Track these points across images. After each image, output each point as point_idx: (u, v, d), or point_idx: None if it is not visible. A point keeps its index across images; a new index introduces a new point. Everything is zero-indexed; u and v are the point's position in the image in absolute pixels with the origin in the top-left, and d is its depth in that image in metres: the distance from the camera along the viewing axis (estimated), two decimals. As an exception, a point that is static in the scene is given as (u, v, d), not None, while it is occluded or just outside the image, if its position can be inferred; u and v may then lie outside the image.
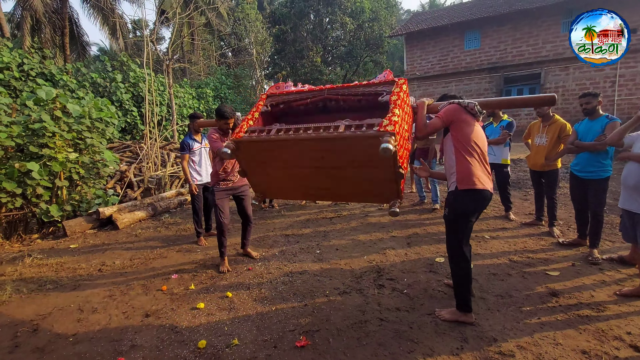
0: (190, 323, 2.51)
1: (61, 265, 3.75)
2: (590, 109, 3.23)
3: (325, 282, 3.04)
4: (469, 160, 2.24)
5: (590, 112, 3.24)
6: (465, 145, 2.25)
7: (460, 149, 2.27)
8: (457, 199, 2.27)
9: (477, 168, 2.23)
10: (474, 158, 2.25)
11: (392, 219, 4.83)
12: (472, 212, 2.27)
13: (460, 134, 2.26)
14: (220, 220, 3.41)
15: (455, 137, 2.28)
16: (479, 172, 2.23)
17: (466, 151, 2.25)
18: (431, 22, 16.47)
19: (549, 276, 2.91)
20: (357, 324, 2.38)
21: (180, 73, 18.32)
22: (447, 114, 2.26)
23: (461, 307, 2.33)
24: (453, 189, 2.31)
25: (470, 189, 2.21)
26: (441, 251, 3.57)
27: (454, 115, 2.25)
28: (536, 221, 4.16)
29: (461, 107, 2.25)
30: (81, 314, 2.73)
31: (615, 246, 3.48)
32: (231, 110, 3.24)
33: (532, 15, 13.81)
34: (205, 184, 4.35)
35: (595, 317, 2.31)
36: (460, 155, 2.27)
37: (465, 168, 2.24)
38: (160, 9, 9.85)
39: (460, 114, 2.25)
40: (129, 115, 10.26)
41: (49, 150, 4.35)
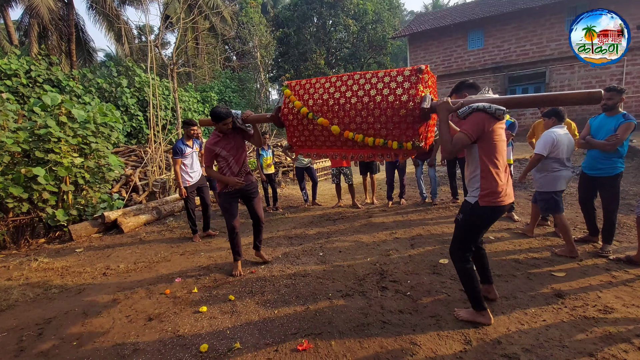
0: (192, 327, 2.52)
1: (67, 270, 3.79)
2: (611, 105, 3.10)
3: (328, 285, 3.03)
4: (495, 174, 2.09)
5: (610, 107, 3.12)
6: (492, 158, 2.09)
7: (486, 160, 2.10)
8: (477, 213, 2.17)
9: (503, 182, 2.10)
10: (499, 170, 2.10)
11: (396, 219, 4.80)
12: (488, 224, 2.24)
13: (488, 145, 2.09)
14: (231, 225, 3.32)
15: (482, 148, 2.11)
16: (504, 187, 2.11)
17: (493, 163, 2.09)
18: (434, 23, 16.42)
19: (555, 277, 2.86)
20: (360, 326, 2.36)
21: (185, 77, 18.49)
22: (475, 129, 2.05)
23: (475, 306, 2.29)
24: (473, 202, 2.18)
25: (493, 206, 2.11)
26: (445, 252, 3.54)
27: (481, 129, 2.05)
28: (542, 221, 4.10)
29: (487, 114, 2.04)
30: (85, 318, 2.75)
31: (622, 246, 3.41)
32: (226, 109, 3.10)
33: (536, 14, 13.70)
34: (199, 185, 4.59)
35: (603, 318, 2.27)
36: (486, 167, 2.10)
37: (491, 183, 2.09)
38: (165, 14, 9.95)
39: (488, 123, 2.05)
40: (134, 120, 10.38)
41: (54, 156, 4.41)
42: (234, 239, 3.37)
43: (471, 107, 2.08)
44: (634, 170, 6.60)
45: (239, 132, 3.28)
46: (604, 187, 3.19)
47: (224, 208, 3.34)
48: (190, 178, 4.48)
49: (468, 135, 2.06)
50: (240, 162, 3.31)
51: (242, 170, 3.34)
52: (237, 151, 3.27)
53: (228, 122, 3.11)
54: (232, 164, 3.27)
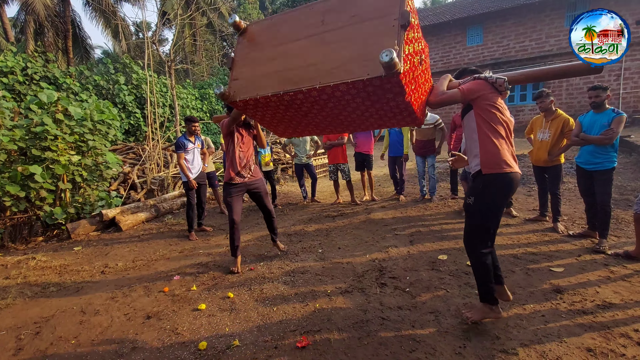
0: (191, 324, 2.51)
1: (65, 268, 3.78)
2: (599, 102, 3.20)
3: (327, 282, 3.02)
4: (494, 141, 2.02)
5: (598, 105, 3.22)
6: (491, 125, 2.04)
7: (485, 128, 2.05)
8: (485, 188, 2.05)
9: (504, 149, 2.02)
10: (500, 139, 2.04)
11: (395, 216, 4.80)
12: (502, 201, 2.08)
13: (485, 112, 2.05)
14: (231, 218, 3.33)
15: (479, 115, 2.06)
16: (506, 154, 2.02)
17: (492, 131, 2.03)
18: (433, 19, 16.34)
19: (553, 272, 2.86)
20: (359, 323, 2.36)
21: (183, 74, 18.39)
22: (470, 89, 2.04)
23: (485, 298, 2.18)
24: (475, 173, 2.12)
25: (497, 173, 2.00)
26: (444, 249, 3.54)
27: (478, 92, 2.04)
28: (540, 217, 4.11)
29: (487, 82, 2.05)
30: (83, 316, 2.74)
31: (620, 241, 3.42)
32: None
33: (536, 9, 13.64)
34: (197, 181, 4.64)
35: (601, 314, 2.27)
36: (484, 135, 2.04)
37: (491, 150, 2.02)
38: (162, 10, 9.88)
39: (485, 90, 2.04)
40: (132, 117, 10.33)
41: (51, 153, 4.38)
42: (234, 234, 3.38)
43: (474, 76, 2.12)
44: (632, 166, 6.60)
45: (247, 129, 3.43)
46: (600, 180, 3.22)
47: (228, 201, 3.36)
48: (191, 173, 4.51)
49: (461, 91, 2.04)
50: (248, 155, 3.40)
51: (249, 163, 3.40)
52: (246, 144, 3.39)
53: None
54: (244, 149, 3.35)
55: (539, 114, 3.92)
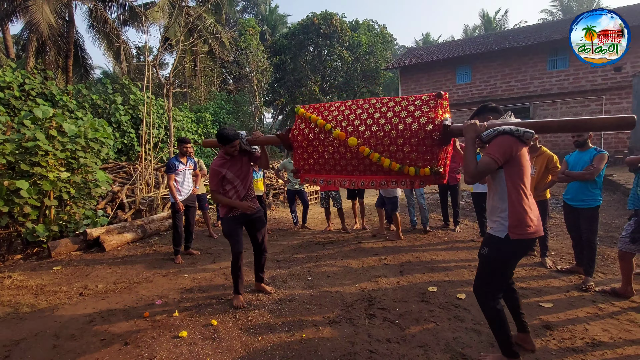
0: (170, 353, 2.39)
1: (41, 288, 3.61)
2: (582, 142, 3.34)
3: (315, 310, 2.95)
4: (523, 202, 1.91)
5: (581, 144, 3.36)
6: (520, 184, 1.92)
7: (514, 187, 1.93)
8: (506, 248, 1.96)
9: (531, 211, 1.94)
10: (527, 198, 1.94)
11: (385, 245, 4.78)
12: (518, 258, 2.07)
13: (515, 170, 1.92)
14: (237, 249, 3.06)
15: (509, 175, 1.94)
16: (533, 216, 1.94)
17: (521, 190, 1.92)
18: (424, 57, 17.20)
19: (543, 308, 2.85)
20: (346, 355, 2.29)
21: (181, 97, 18.68)
22: (502, 152, 1.88)
23: (507, 353, 2.04)
24: (503, 236, 1.95)
25: (522, 239, 1.92)
26: (434, 280, 3.51)
27: (509, 152, 1.89)
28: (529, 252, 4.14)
29: (514, 137, 1.90)
30: (57, 341, 2.59)
31: (607, 278, 3.45)
32: (233, 132, 2.94)
33: (520, 53, 14.51)
34: (187, 203, 4.55)
35: (591, 352, 2.24)
36: (514, 195, 1.92)
37: (520, 212, 1.90)
38: (165, 36, 10.21)
39: (515, 147, 1.89)
40: (126, 137, 10.32)
41: (40, 169, 4.32)
42: (238, 270, 3.09)
43: (497, 129, 1.93)
44: (615, 204, 6.79)
45: (245, 154, 3.14)
46: (585, 218, 3.29)
47: (229, 234, 3.09)
48: (180, 195, 4.46)
49: (495, 158, 1.88)
50: (247, 186, 3.14)
51: (249, 194, 3.17)
52: (244, 174, 3.11)
53: (236, 145, 2.96)
54: (239, 187, 3.09)
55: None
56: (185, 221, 4.63)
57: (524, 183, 1.94)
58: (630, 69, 12.45)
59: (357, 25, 23.39)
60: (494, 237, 2.00)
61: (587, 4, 28.72)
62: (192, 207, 4.69)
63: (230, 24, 25.14)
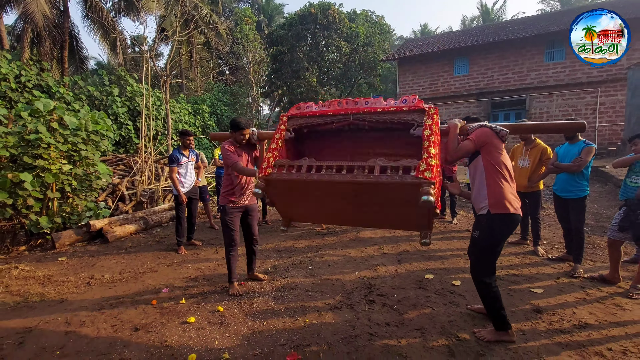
0: (180, 337, 2.51)
1: (49, 278, 3.70)
2: (571, 134, 3.45)
3: (317, 297, 3.07)
4: (500, 183, 2.25)
5: (571, 137, 3.47)
6: (497, 168, 2.27)
7: (492, 172, 2.27)
8: (492, 225, 2.26)
9: (508, 191, 2.25)
10: (505, 181, 2.26)
11: (383, 235, 4.91)
12: (505, 237, 2.31)
13: (491, 157, 2.28)
14: (232, 238, 3.21)
15: (486, 160, 2.29)
16: (510, 196, 2.24)
17: (498, 174, 2.26)
18: (422, 49, 17.16)
19: (534, 293, 2.99)
20: (347, 338, 2.41)
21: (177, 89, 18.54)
22: (480, 137, 2.28)
23: (500, 327, 2.31)
24: (485, 213, 2.29)
25: (503, 213, 2.22)
26: (430, 268, 3.65)
27: (486, 139, 2.27)
28: (521, 240, 4.29)
29: (493, 131, 2.29)
30: (69, 327, 2.69)
31: (596, 265, 3.60)
32: (247, 121, 3.12)
33: (517, 45, 14.53)
34: (189, 195, 4.62)
35: (577, 332, 2.39)
36: (491, 178, 2.27)
37: (498, 192, 2.24)
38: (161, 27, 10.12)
39: (492, 138, 2.28)
40: (123, 129, 10.31)
41: (42, 162, 4.36)
42: (232, 257, 3.23)
43: (479, 124, 2.35)
44: (607, 195, 6.96)
45: (249, 149, 3.28)
46: (573, 208, 3.42)
47: (227, 222, 3.20)
48: (183, 187, 4.52)
49: (473, 141, 2.28)
50: (248, 179, 3.28)
51: (248, 188, 3.30)
52: (246, 164, 3.24)
53: (246, 133, 3.09)
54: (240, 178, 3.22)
55: (520, 143, 4.17)
56: (187, 213, 4.71)
57: (501, 169, 2.27)
58: (625, 61, 12.54)
59: (355, 16, 23.19)
60: (480, 216, 2.34)
61: (585, -6, 28.60)
62: (195, 199, 4.77)
63: (226, 14, 24.81)
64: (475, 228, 2.40)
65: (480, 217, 2.33)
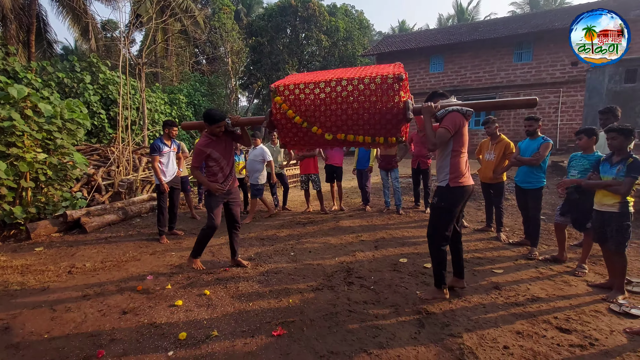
0: (169, 319, 2.62)
1: (27, 268, 3.66)
2: (532, 131, 3.82)
3: (299, 280, 3.26)
4: (459, 160, 2.64)
5: (531, 133, 3.83)
6: (459, 148, 2.64)
7: (457, 150, 2.64)
8: (449, 194, 2.66)
9: (464, 167, 2.66)
10: (463, 159, 2.66)
11: (361, 224, 5.16)
12: (459, 204, 2.70)
13: (458, 137, 2.62)
14: (214, 224, 3.32)
15: (455, 141, 2.63)
16: (466, 171, 2.66)
17: (459, 153, 2.64)
18: (400, 45, 17.56)
19: (494, 273, 3.33)
20: (329, 315, 2.62)
21: (152, 77, 17.93)
22: (454, 125, 2.58)
23: (438, 284, 2.76)
24: (444, 185, 2.68)
25: (459, 186, 2.62)
26: (405, 253, 3.93)
27: (459, 125, 2.60)
28: (486, 227, 4.67)
29: (461, 114, 2.61)
30: (54, 313, 2.73)
31: (550, 249, 4.01)
32: (220, 112, 3.19)
33: (489, 45, 15.21)
34: (171, 185, 4.66)
35: (529, 305, 2.72)
36: (454, 158, 2.64)
37: (457, 168, 2.63)
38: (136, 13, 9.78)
39: (462, 121, 2.61)
40: (96, 118, 9.95)
41: (16, 150, 4.25)
42: (206, 236, 3.35)
43: (447, 110, 2.64)
44: (564, 188, 7.55)
45: (229, 135, 3.36)
46: (532, 197, 3.79)
47: (211, 207, 3.32)
48: (164, 177, 4.54)
49: (448, 129, 2.56)
50: (231, 164, 3.38)
51: (232, 173, 3.40)
52: (228, 153, 3.35)
53: (222, 125, 3.16)
54: (224, 165, 3.31)
55: (487, 138, 4.53)
56: (169, 203, 4.73)
57: (462, 148, 2.66)
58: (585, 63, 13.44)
59: (335, 10, 23.27)
60: (440, 187, 2.72)
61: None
62: (177, 189, 4.80)
63: (203, 1, 24.10)
64: (435, 195, 2.78)
65: (440, 187, 2.72)
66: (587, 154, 3.29)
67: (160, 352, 2.21)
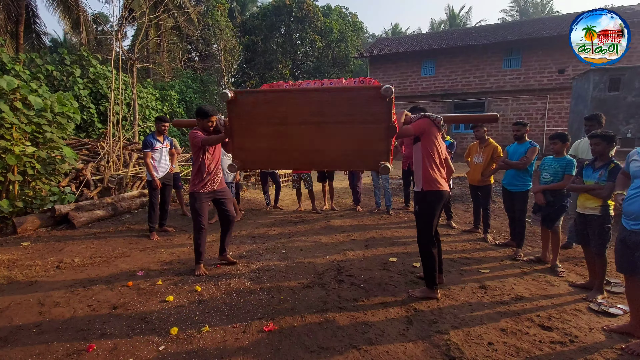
0: (160, 314, 2.62)
1: (14, 262, 3.61)
2: (519, 135, 3.93)
3: (291, 278, 3.29)
4: (432, 167, 2.76)
5: (519, 137, 3.95)
6: (430, 154, 2.75)
7: (426, 156, 2.76)
8: (425, 199, 2.79)
9: (437, 173, 2.77)
10: (435, 165, 2.77)
11: (352, 224, 5.22)
12: (436, 208, 2.80)
13: (428, 143, 2.76)
14: (200, 226, 3.32)
15: (424, 146, 2.77)
16: (439, 177, 2.78)
17: (431, 159, 2.76)
18: (393, 48, 17.75)
19: (481, 273, 3.43)
20: (319, 311, 2.66)
21: (144, 73, 17.68)
22: (419, 126, 2.73)
23: (430, 285, 2.86)
24: (419, 190, 2.83)
25: (433, 190, 2.75)
26: (394, 252, 4.00)
27: (424, 128, 2.73)
28: (474, 229, 4.79)
29: (430, 120, 2.75)
30: (42, 308, 2.71)
31: (535, 250, 4.14)
32: (213, 108, 3.20)
33: (479, 51, 15.50)
34: (163, 181, 4.62)
35: (514, 304, 2.82)
36: (425, 162, 2.76)
37: (430, 173, 2.75)
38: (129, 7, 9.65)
39: (429, 126, 2.74)
40: (85, 112, 9.76)
41: (5, 142, 4.17)
42: (200, 239, 3.34)
43: (420, 114, 2.84)
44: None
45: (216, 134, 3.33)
46: (518, 200, 3.90)
47: (196, 208, 3.30)
48: (156, 173, 4.52)
49: (413, 128, 2.73)
50: (217, 161, 3.40)
51: (218, 170, 3.42)
52: (216, 151, 3.37)
53: (213, 121, 3.18)
54: (210, 162, 3.31)
55: (475, 142, 4.64)
56: (160, 199, 4.71)
57: (434, 155, 2.76)
58: (572, 71, 13.85)
59: (329, 11, 23.36)
60: (416, 192, 2.89)
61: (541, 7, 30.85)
62: (169, 186, 4.78)
63: (197, -2, 23.86)
64: (415, 202, 2.93)
65: (417, 192, 2.87)
66: (558, 157, 3.45)
67: (152, 346, 2.22)
